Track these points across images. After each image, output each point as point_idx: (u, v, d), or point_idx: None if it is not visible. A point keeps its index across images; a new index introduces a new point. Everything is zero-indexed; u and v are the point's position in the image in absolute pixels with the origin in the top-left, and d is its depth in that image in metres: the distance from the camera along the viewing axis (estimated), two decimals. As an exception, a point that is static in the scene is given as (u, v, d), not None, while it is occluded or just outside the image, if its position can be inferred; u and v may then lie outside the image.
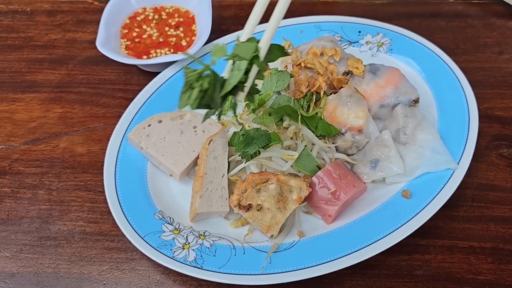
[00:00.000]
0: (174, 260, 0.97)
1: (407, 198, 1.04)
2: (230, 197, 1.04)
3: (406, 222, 0.99)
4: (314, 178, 1.04)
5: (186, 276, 1.00)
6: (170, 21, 1.43)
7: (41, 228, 1.10)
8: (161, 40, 1.39)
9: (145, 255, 1.00)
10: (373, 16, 1.37)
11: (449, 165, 1.05)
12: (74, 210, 1.12)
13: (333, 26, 1.35)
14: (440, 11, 1.49)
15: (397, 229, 0.98)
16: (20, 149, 1.24)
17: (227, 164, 1.08)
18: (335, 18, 1.35)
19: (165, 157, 1.11)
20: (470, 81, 1.19)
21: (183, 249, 0.99)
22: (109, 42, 1.32)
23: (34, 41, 1.49)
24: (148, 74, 1.36)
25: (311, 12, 1.45)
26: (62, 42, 1.48)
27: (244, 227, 1.05)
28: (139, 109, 1.21)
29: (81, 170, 1.19)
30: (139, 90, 1.25)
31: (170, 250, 0.99)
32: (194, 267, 0.96)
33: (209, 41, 1.30)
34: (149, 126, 1.16)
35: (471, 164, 1.06)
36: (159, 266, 1.02)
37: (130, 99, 1.24)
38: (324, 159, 1.11)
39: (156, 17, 1.44)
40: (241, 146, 1.07)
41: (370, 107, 1.16)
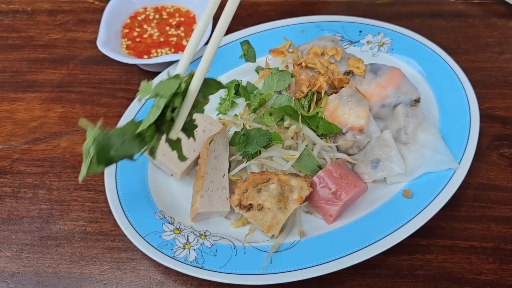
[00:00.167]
0: (175, 260, 0.97)
1: (408, 198, 1.04)
2: (231, 196, 1.04)
3: (407, 222, 0.99)
4: (315, 178, 1.04)
5: (187, 276, 1.00)
6: (171, 20, 1.43)
7: (41, 227, 1.10)
8: (161, 39, 1.39)
9: (145, 255, 1.00)
10: (374, 15, 1.37)
11: (450, 165, 1.05)
12: (74, 209, 1.12)
13: (334, 26, 1.35)
14: (441, 11, 1.49)
15: (398, 229, 0.98)
16: (20, 148, 1.24)
17: (228, 163, 1.08)
18: (336, 18, 1.35)
19: (165, 157, 1.11)
20: (471, 81, 1.19)
21: (184, 249, 0.99)
22: (109, 41, 1.32)
23: (35, 40, 1.49)
24: (149, 74, 1.36)
25: (312, 12, 1.45)
26: (63, 41, 1.48)
27: (245, 227, 1.05)
28: (140, 108, 1.21)
29: (81, 169, 1.19)
30: (140, 90, 1.25)
31: (171, 250, 0.99)
32: (195, 267, 0.96)
33: (209, 41, 1.30)
34: (150, 125, 1.15)
35: (472, 164, 1.06)
36: (160, 266, 1.02)
37: (131, 99, 1.24)
38: (325, 159, 1.10)
39: (157, 16, 1.44)
40: (242, 145, 1.08)
41: (371, 107, 1.16)
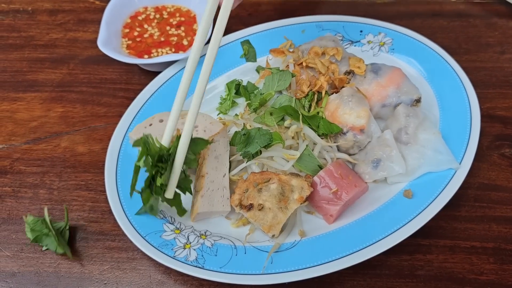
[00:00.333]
0: (175, 259, 0.97)
1: (409, 198, 1.04)
2: (231, 196, 1.04)
3: (408, 222, 0.99)
4: (316, 178, 1.04)
5: (187, 275, 1.00)
6: (171, 20, 1.43)
7: (42, 227, 1.10)
8: (162, 39, 1.39)
9: (146, 255, 1.00)
10: (374, 15, 1.36)
11: (451, 165, 1.05)
12: (75, 209, 1.12)
13: (334, 26, 1.34)
14: (442, 11, 1.49)
15: (398, 229, 0.98)
16: (21, 148, 1.24)
17: (229, 163, 1.08)
18: (337, 18, 1.35)
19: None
20: (472, 80, 1.19)
21: (184, 248, 0.99)
22: (110, 41, 1.32)
23: (35, 40, 1.49)
24: (149, 74, 1.36)
25: (313, 11, 1.45)
26: (63, 41, 1.48)
27: (245, 227, 1.05)
28: (140, 108, 1.21)
29: (82, 169, 1.19)
30: (140, 90, 1.25)
31: (171, 249, 0.99)
32: (195, 267, 0.96)
33: (209, 41, 1.30)
34: (150, 125, 1.15)
35: (473, 164, 1.05)
36: (160, 265, 1.02)
37: (131, 99, 1.24)
38: (325, 159, 1.10)
39: (157, 16, 1.44)
40: (242, 145, 1.08)
41: (371, 107, 1.16)
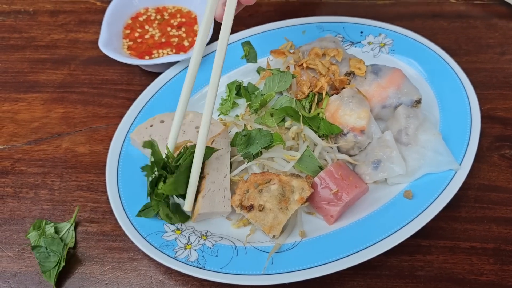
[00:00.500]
0: (176, 260, 0.97)
1: (409, 199, 1.04)
2: (232, 197, 1.04)
3: (408, 223, 0.99)
4: (316, 179, 1.04)
5: (188, 276, 1.00)
6: (172, 21, 1.43)
7: (43, 228, 1.10)
8: (163, 40, 1.39)
9: (147, 255, 1.00)
10: (375, 16, 1.37)
11: (451, 166, 1.05)
12: (76, 210, 1.13)
13: (335, 27, 1.35)
14: (442, 12, 1.49)
15: (399, 229, 0.98)
16: (22, 149, 1.25)
17: (229, 164, 1.08)
18: (337, 19, 1.35)
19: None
20: (472, 81, 1.19)
21: (185, 249, 0.99)
22: (111, 42, 1.32)
23: (37, 41, 1.49)
24: (150, 75, 1.36)
25: (313, 12, 1.45)
26: (65, 42, 1.49)
27: (246, 228, 1.05)
28: (141, 109, 1.22)
29: (83, 170, 1.20)
30: (141, 91, 1.25)
31: (172, 250, 0.99)
32: (196, 267, 0.96)
33: (211, 41, 1.30)
34: (151, 126, 1.16)
35: (473, 165, 1.06)
36: (161, 266, 1.02)
37: (132, 99, 1.24)
38: (326, 160, 1.11)
39: (158, 17, 1.45)
40: (243, 146, 1.08)
41: (372, 108, 1.16)
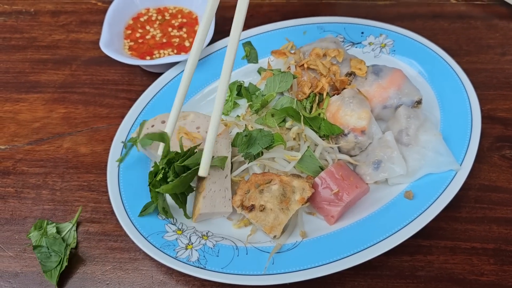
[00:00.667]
0: (177, 260, 0.97)
1: (410, 199, 1.04)
2: (233, 197, 1.04)
3: (409, 223, 0.99)
4: (317, 179, 1.04)
5: (189, 276, 1.01)
6: (173, 21, 1.44)
7: (44, 228, 1.11)
8: (164, 40, 1.39)
9: (148, 255, 1.00)
10: (375, 17, 1.37)
11: (451, 166, 1.05)
12: (77, 210, 1.13)
13: (336, 27, 1.35)
14: (442, 12, 1.49)
15: (399, 230, 0.98)
16: (23, 149, 1.25)
17: (230, 164, 1.09)
18: (338, 19, 1.36)
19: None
20: (472, 82, 1.19)
21: (186, 249, 1.00)
22: (112, 42, 1.32)
23: (38, 41, 1.50)
24: (151, 75, 1.37)
25: (314, 13, 1.45)
26: (66, 42, 1.49)
27: (247, 228, 1.06)
28: (142, 109, 1.22)
29: (84, 170, 1.20)
30: (143, 91, 1.25)
31: (173, 250, 0.99)
32: (197, 267, 0.96)
33: (212, 42, 1.31)
34: (152, 126, 1.16)
35: (474, 165, 1.06)
36: (162, 266, 1.03)
37: (134, 100, 1.24)
38: (327, 160, 1.11)
39: (159, 18, 1.45)
40: (244, 146, 1.08)
41: (373, 108, 1.16)
